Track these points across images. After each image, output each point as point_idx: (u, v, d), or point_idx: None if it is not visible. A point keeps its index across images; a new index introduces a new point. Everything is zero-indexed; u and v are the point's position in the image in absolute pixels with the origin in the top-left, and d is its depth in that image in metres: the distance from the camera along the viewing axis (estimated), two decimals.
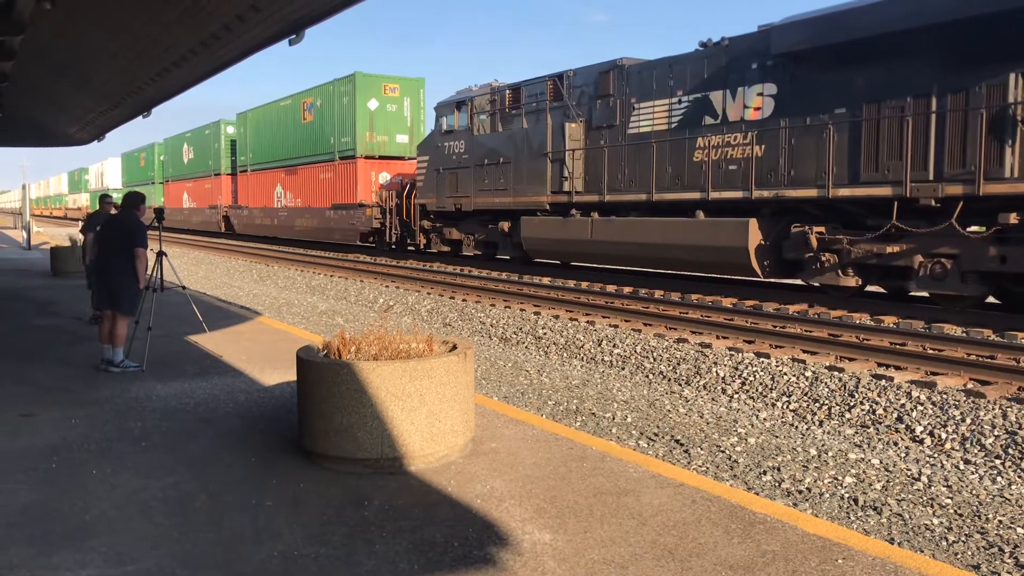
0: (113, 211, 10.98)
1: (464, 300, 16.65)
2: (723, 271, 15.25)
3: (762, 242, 14.00)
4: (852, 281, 13.03)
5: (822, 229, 13.21)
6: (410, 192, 24.94)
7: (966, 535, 5.42)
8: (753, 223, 13.96)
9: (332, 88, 29.13)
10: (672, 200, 15.76)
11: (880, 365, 9.51)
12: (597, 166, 17.58)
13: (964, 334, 10.70)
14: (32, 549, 3.98)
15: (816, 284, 13.83)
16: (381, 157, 28.10)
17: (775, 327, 11.60)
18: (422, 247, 24.65)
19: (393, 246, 26.63)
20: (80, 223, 15.52)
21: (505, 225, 20.36)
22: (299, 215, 32.31)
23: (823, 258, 13.19)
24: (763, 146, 14.15)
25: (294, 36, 8.98)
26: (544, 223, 18.92)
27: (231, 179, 40.32)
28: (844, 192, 12.81)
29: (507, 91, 20.49)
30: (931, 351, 9.75)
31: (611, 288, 16.50)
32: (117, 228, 8.38)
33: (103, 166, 66.12)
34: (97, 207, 11.50)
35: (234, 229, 39.77)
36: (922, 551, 5.17)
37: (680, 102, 15.77)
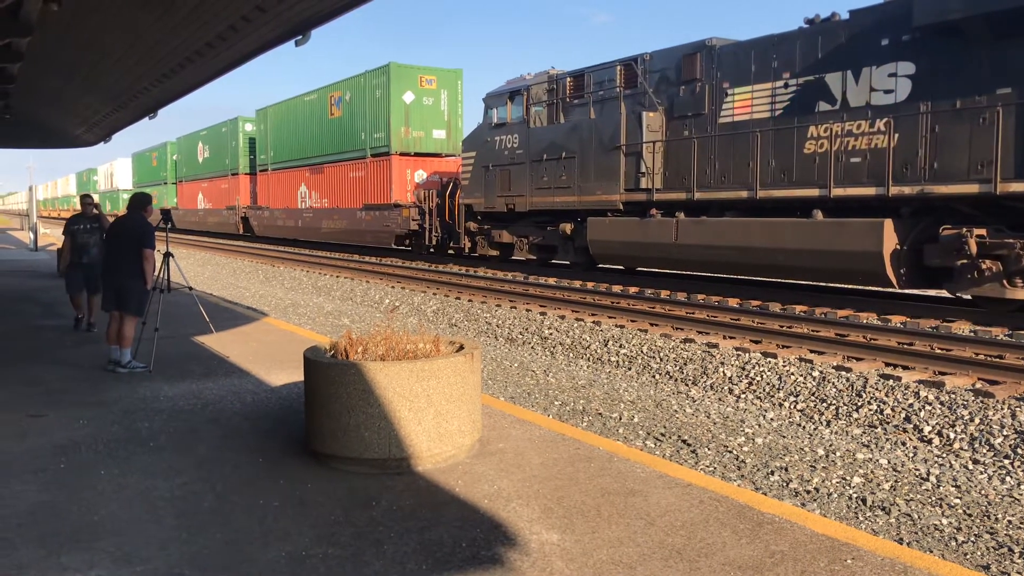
0: (95, 211, 11.00)
1: (470, 300, 16.65)
2: (846, 279, 13.45)
3: (898, 247, 12.04)
4: (1022, 293, 11.08)
5: (983, 231, 11.22)
6: (453, 191, 23.33)
7: (975, 535, 5.40)
8: (888, 224, 12.02)
9: (363, 81, 27.37)
10: (780, 198, 13.89)
11: (888, 365, 9.48)
12: (681, 160, 15.79)
13: (972, 334, 10.67)
14: (41, 549, 3.99)
15: (967, 296, 12.05)
16: (417, 154, 26.42)
17: (782, 327, 11.57)
18: (466, 251, 22.84)
19: (432, 249, 24.71)
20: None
21: (567, 227, 18.50)
22: (326, 216, 30.51)
23: (983, 266, 11.19)
24: (897, 135, 12.17)
25: (300, 37, 8.99)
26: (616, 224, 16.93)
27: (250, 179, 38.87)
28: (1017, 187, 10.90)
29: (567, 79, 18.65)
30: (939, 351, 9.71)
31: (617, 288, 16.48)
32: (125, 229, 8.39)
33: (112, 166, 65.03)
34: (87, 209, 11.31)
35: (253, 231, 38.05)
36: (931, 551, 5.15)
37: (787, 86, 13.89)
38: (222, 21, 9.02)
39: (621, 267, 18.76)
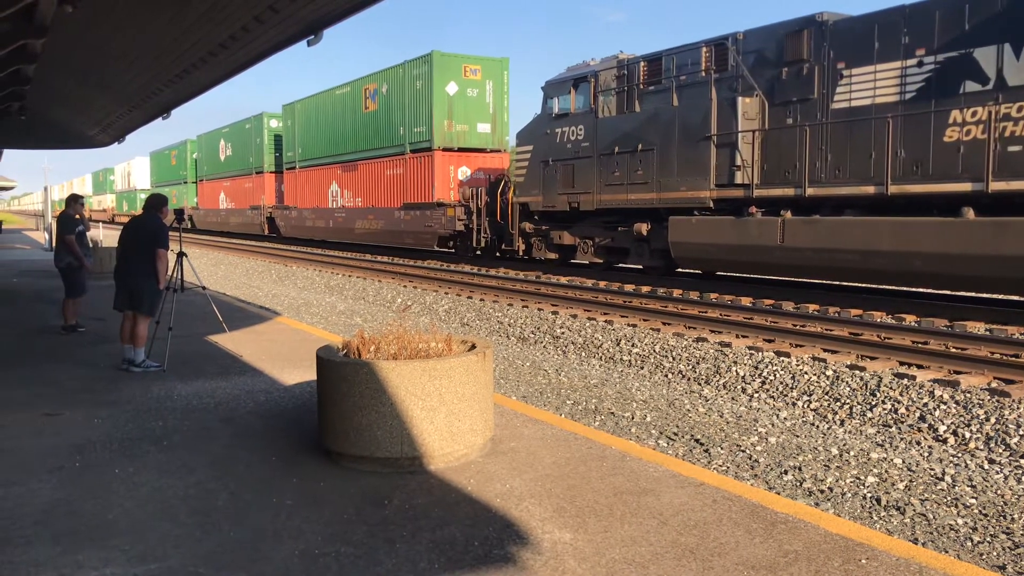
0: (77, 216, 11.00)
1: (482, 300, 16.66)
2: (1005, 289, 11.89)
3: None
4: None
5: None
6: (504, 189, 21.81)
7: (991, 535, 5.36)
8: None
9: (402, 71, 25.78)
10: (918, 194, 12.19)
11: (902, 364, 9.42)
12: (783, 151, 14.07)
13: (988, 332, 10.59)
14: (57, 547, 4.01)
15: None
16: (461, 149, 24.79)
17: (795, 326, 11.52)
18: (520, 254, 20.97)
19: (479, 252, 23.04)
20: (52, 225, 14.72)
21: (643, 227, 16.75)
22: (360, 216, 28.83)
23: None
24: None
25: (312, 37, 9.02)
26: (705, 225, 15.14)
27: (275, 177, 37.51)
28: None
29: (641, 63, 16.88)
30: (954, 349, 9.65)
31: (629, 287, 16.45)
32: (140, 229, 8.44)
33: (129, 166, 63.81)
34: (78, 207, 11.21)
35: (279, 232, 36.52)
36: (947, 552, 5.11)
37: (921, 64, 12.13)
38: (235, 22, 9.07)
39: (699, 271, 17.21)
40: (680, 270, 17.29)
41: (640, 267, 17.77)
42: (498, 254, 22.58)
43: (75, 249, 10.64)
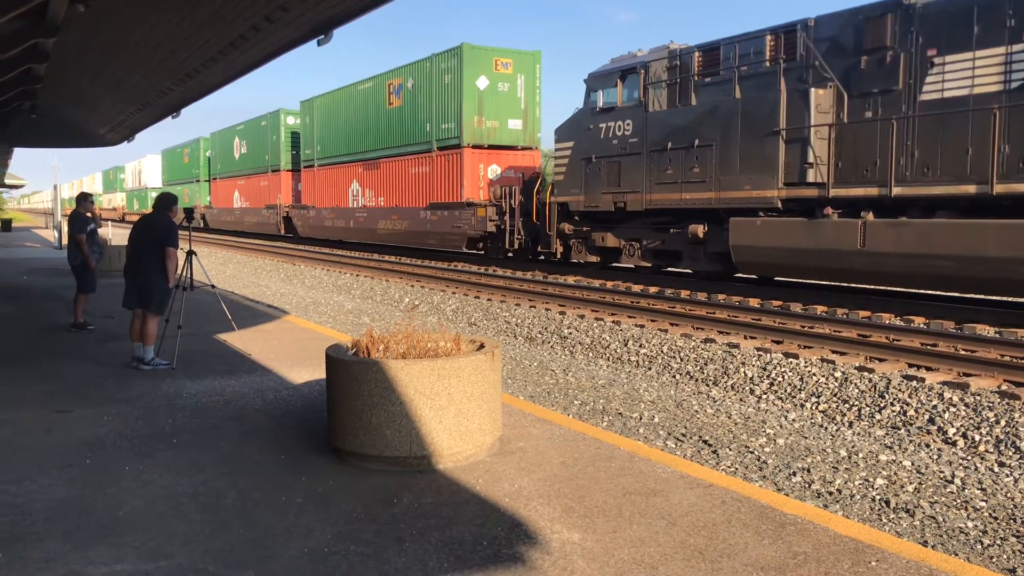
0: (88, 214, 11.06)
1: (489, 300, 16.67)
2: None
3: None
4: None
5: None
6: (540, 188, 20.82)
7: (1001, 539, 5.34)
8: None
9: (429, 65, 24.62)
10: None
11: (911, 366, 9.39)
12: (861, 147, 12.97)
13: (997, 335, 10.54)
14: (67, 543, 4.03)
15: None
16: (491, 147, 23.56)
17: (803, 327, 11.50)
18: (558, 256, 19.78)
19: (511, 254, 21.87)
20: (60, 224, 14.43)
21: (699, 229, 15.52)
22: (383, 216, 27.58)
23: None
24: None
25: (323, 36, 9.04)
26: (772, 227, 13.95)
27: (292, 175, 36.39)
28: None
29: (696, 53, 15.74)
30: (963, 352, 9.61)
31: (637, 288, 16.44)
32: (150, 228, 8.47)
33: (140, 164, 62.71)
34: (92, 206, 11.32)
35: (296, 232, 35.28)
36: (956, 555, 5.09)
37: None
38: (245, 21, 9.09)
39: (773, 277, 15.84)
40: (743, 275, 16.00)
41: (691, 271, 16.76)
42: (531, 257, 21.75)
43: (84, 248, 10.70)
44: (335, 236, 32.18)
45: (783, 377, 9.47)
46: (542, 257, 21.34)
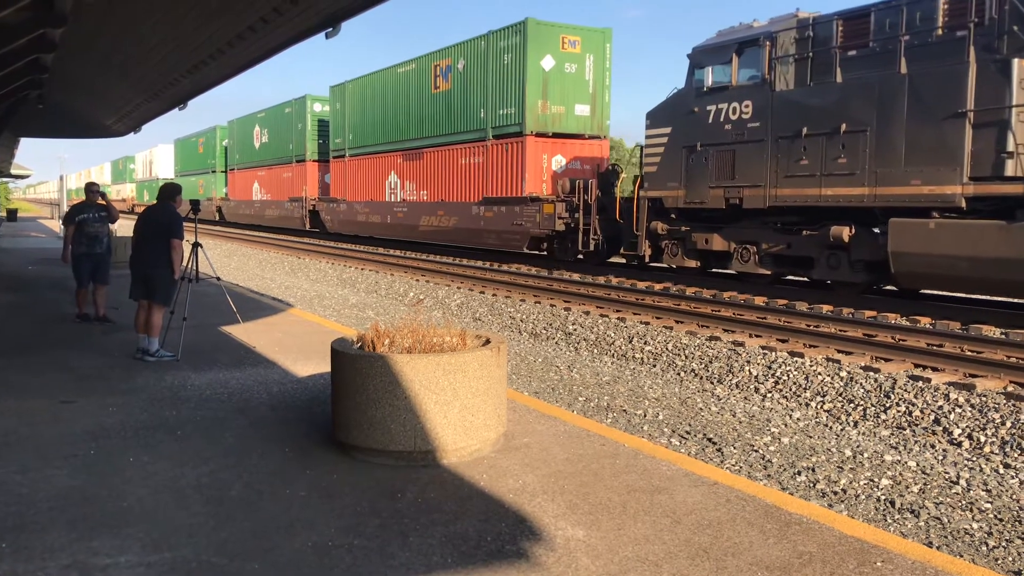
0: (100, 200, 10.92)
1: (494, 295, 16.66)
2: None
3: None
4: None
5: None
6: (621, 181, 19.03)
7: (1007, 540, 5.32)
8: None
9: (485, 44, 22.13)
10: None
11: (917, 366, 9.37)
12: None
13: (1003, 336, 10.50)
14: (72, 533, 4.03)
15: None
16: (555, 135, 21.15)
17: (809, 326, 11.47)
18: (647, 260, 17.25)
19: (581, 256, 19.47)
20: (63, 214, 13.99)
21: (843, 231, 13.02)
22: (426, 212, 25.09)
23: None
24: None
25: (331, 29, 9.02)
26: (953, 231, 11.48)
27: (318, 166, 34.06)
28: None
29: (837, 21, 13.25)
30: (969, 352, 9.58)
31: (642, 285, 16.41)
32: (154, 219, 8.47)
33: (152, 154, 60.09)
34: (105, 197, 11.15)
35: (324, 227, 32.71)
36: (961, 556, 5.08)
37: None
38: (254, 13, 9.08)
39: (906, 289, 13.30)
40: (881, 286, 13.80)
41: (828, 281, 14.12)
42: (611, 259, 19.51)
43: (66, 239, 10.46)
44: (369, 232, 29.57)
45: (788, 376, 9.45)
46: (623, 261, 19.27)
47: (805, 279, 15.00)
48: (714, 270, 16.59)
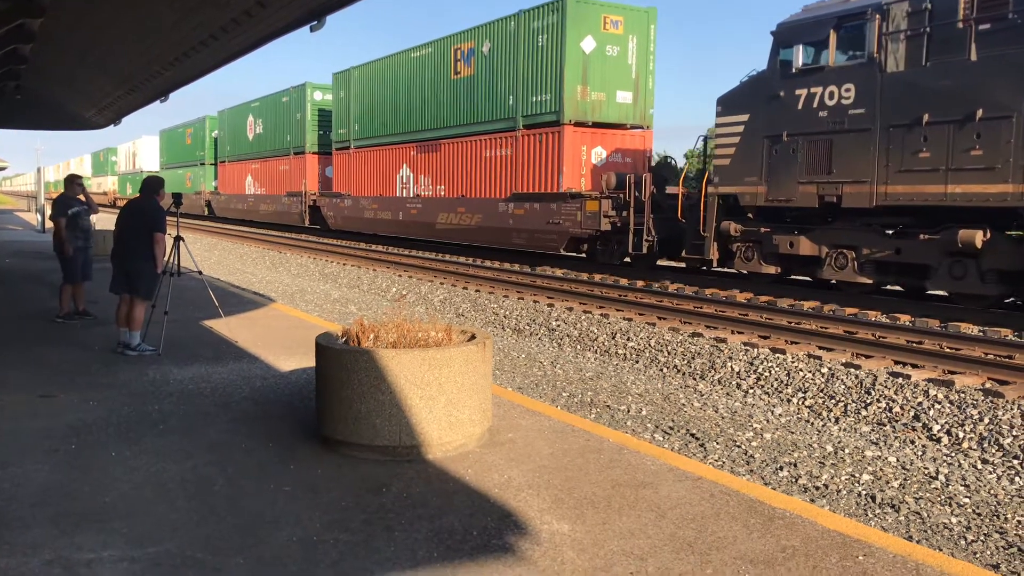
0: (81, 196, 10.65)
1: (477, 291, 16.65)
2: None
3: None
4: None
5: None
6: (684, 176, 17.58)
7: (985, 535, 5.39)
8: None
9: (515, 24, 20.35)
10: None
11: (897, 363, 9.46)
12: None
13: (981, 333, 10.64)
14: (54, 529, 4.00)
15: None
16: (595, 124, 19.27)
17: (790, 323, 11.55)
18: (714, 264, 15.52)
19: (628, 259, 17.76)
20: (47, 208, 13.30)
21: (975, 236, 11.23)
22: (444, 208, 23.26)
23: None
24: None
25: (315, 23, 8.96)
26: None
27: (319, 159, 32.25)
28: None
29: None
30: (948, 350, 9.69)
31: (624, 282, 16.45)
32: (137, 212, 8.40)
33: (135, 145, 57.53)
34: (104, 190, 11.04)
35: (326, 223, 30.95)
36: (941, 550, 5.14)
37: None
38: (237, 5, 9.00)
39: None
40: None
41: (947, 293, 12.41)
42: (656, 263, 17.73)
43: (61, 232, 10.26)
44: (378, 230, 27.46)
45: (770, 372, 9.51)
46: (674, 264, 17.45)
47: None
48: (793, 277, 14.87)
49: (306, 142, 32.59)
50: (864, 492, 6.14)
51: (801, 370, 9.39)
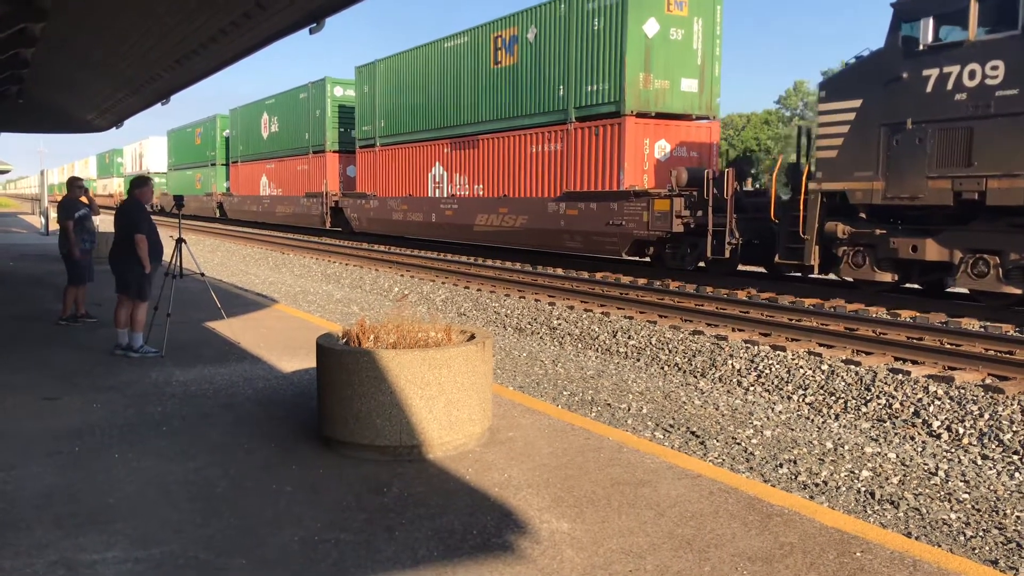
0: (83, 199, 10.69)
1: (479, 290, 16.68)
2: None
3: None
4: None
5: None
6: (777, 170, 15.99)
7: (984, 530, 5.41)
8: None
9: (566, 8, 18.63)
10: None
11: (897, 359, 9.48)
12: None
13: (982, 329, 10.64)
14: (59, 531, 4.04)
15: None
16: (658, 115, 17.54)
17: (791, 320, 11.57)
18: (816, 270, 13.51)
19: (702, 264, 16.04)
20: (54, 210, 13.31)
21: None
22: (484, 209, 21.45)
23: None
24: None
25: (315, 25, 9.00)
26: None
27: (339, 157, 30.78)
28: None
29: None
30: (948, 346, 9.70)
31: (626, 280, 16.47)
32: (123, 213, 8.42)
33: (142, 146, 56.46)
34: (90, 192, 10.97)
35: (349, 225, 29.31)
36: (940, 546, 5.16)
37: None
38: (237, 8, 9.03)
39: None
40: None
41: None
42: (740, 268, 15.95)
43: (70, 235, 10.32)
44: (408, 232, 25.82)
45: (770, 369, 9.54)
46: (755, 269, 15.90)
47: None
48: (908, 285, 13.10)
49: (326, 140, 31.13)
50: (863, 488, 6.17)
51: (801, 367, 9.41)
